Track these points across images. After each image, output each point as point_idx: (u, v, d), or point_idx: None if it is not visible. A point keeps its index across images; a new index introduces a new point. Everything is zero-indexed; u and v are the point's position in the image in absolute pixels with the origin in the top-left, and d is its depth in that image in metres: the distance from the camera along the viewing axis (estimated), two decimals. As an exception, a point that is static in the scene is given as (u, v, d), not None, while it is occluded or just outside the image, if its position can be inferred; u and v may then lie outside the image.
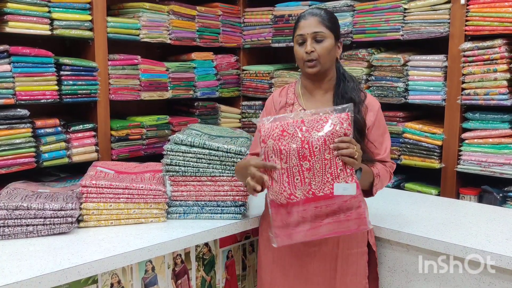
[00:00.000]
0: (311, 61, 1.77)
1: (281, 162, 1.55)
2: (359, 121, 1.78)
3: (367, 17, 3.28)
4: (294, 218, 1.57)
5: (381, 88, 3.21)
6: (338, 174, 1.55)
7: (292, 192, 1.55)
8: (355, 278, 1.86)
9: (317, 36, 1.76)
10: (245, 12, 3.98)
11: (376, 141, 1.84)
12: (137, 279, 1.74)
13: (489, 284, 1.72)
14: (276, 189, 1.57)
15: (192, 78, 3.60)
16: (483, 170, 2.81)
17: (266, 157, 1.57)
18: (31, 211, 1.70)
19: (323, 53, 1.77)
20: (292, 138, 1.55)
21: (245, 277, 2.16)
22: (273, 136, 1.56)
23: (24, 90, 2.67)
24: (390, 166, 1.88)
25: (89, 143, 2.99)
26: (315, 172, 1.54)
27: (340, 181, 1.55)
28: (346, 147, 1.54)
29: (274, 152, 1.55)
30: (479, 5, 2.78)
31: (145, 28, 3.27)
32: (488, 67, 2.74)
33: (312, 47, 1.76)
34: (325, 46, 1.77)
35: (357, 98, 1.81)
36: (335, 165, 1.55)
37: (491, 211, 2.20)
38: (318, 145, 1.54)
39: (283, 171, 1.55)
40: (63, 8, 2.82)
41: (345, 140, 1.54)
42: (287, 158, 1.54)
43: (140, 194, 1.87)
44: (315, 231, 1.58)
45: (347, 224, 1.57)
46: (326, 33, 1.77)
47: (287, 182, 1.55)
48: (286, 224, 1.58)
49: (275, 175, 1.56)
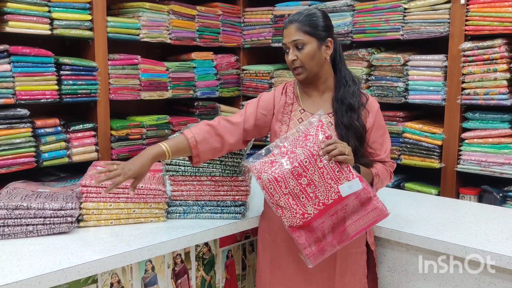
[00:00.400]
0: (296, 69, 1.78)
1: (281, 189, 1.60)
2: (358, 128, 1.76)
3: (367, 17, 3.28)
4: (317, 233, 1.60)
5: (381, 87, 3.21)
6: (338, 176, 1.58)
7: (304, 211, 1.59)
8: (354, 278, 1.86)
9: (297, 43, 1.75)
10: (245, 12, 3.98)
11: (376, 142, 1.83)
12: (137, 279, 1.74)
13: (489, 283, 1.72)
14: (288, 215, 1.61)
15: (192, 78, 3.61)
16: (483, 170, 2.81)
17: (267, 191, 1.62)
18: (31, 210, 1.70)
19: (305, 60, 1.75)
20: (282, 164, 1.60)
21: (245, 277, 2.16)
22: (265, 170, 1.62)
23: (24, 89, 2.68)
24: (390, 166, 1.88)
25: (89, 143, 2.99)
26: (316, 184, 1.58)
27: (342, 182, 1.57)
28: (334, 147, 1.57)
29: (271, 182, 1.60)
30: (479, 5, 2.78)
31: (145, 27, 3.27)
32: (488, 66, 2.74)
33: (294, 56, 1.76)
34: (305, 53, 1.75)
35: (356, 104, 1.78)
36: (332, 170, 1.58)
37: (491, 211, 2.19)
38: (308, 159, 1.59)
39: (287, 196, 1.60)
40: (63, 7, 2.82)
41: (330, 142, 1.59)
42: (285, 184, 1.59)
43: (140, 193, 1.87)
44: (343, 236, 1.61)
45: (368, 217, 1.60)
46: (305, 39, 1.74)
47: (295, 205, 1.59)
48: (312, 242, 1.61)
49: (282, 202, 1.60)
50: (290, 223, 1.61)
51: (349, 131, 1.75)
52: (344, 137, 1.74)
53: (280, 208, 1.62)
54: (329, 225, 1.60)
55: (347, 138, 1.74)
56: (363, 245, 1.89)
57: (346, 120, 1.76)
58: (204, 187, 1.96)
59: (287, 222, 1.62)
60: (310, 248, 1.61)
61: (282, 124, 1.85)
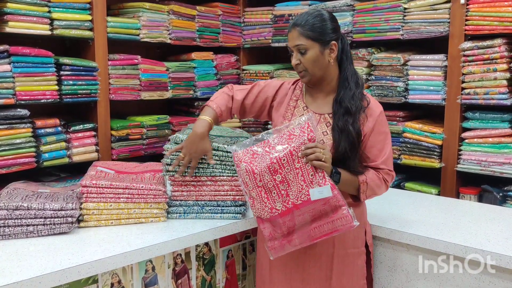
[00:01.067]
0: (300, 72, 1.80)
1: (255, 181, 1.64)
2: (351, 133, 1.74)
3: (367, 17, 3.28)
4: (282, 229, 1.66)
5: (381, 87, 3.21)
6: (311, 179, 1.62)
7: (273, 206, 1.64)
8: (351, 279, 1.86)
9: (299, 48, 1.76)
10: (245, 12, 3.98)
11: (375, 148, 1.79)
12: (137, 279, 1.75)
13: (489, 283, 1.72)
14: (258, 206, 1.67)
15: (192, 78, 3.61)
16: (483, 169, 2.81)
17: (242, 179, 1.67)
18: (31, 211, 1.70)
19: (308, 64, 1.76)
20: (262, 157, 1.65)
21: (245, 277, 2.16)
22: (245, 159, 1.66)
23: (24, 90, 2.68)
24: (386, 173, 1.81)
25: (89, 143, 2.99)
26: (289, 182, 1.63)
27: (314, 186, 1.62)
28: (312, 152, 1.60)
29: (247, 173, 1.65)
30: (478, 5, 2.78)
31: (145, 28, 3.27)
32: (488, 66, 2.74)
33: (297, 60, 1.77)
34: (308, 57, 1.75)
35: (354, 108, 1.76)
36: (306, 172, 1.62)
37: (491, 211, 2.20)
38: (286, 157, 1.62)
39: (260, 189, 1.64)
40: (63, 8, 2.82)
41: (310, 146, 1.61)
42: (260, 177, 1.64)
43: (140, 194, 1.87)
44: (306, 237, 1.65)
45: (334, 224, 1.63)
46: (308, 44, 1.74)
47: (266, 198, 1.65)
48: (276, 236, 1.67)
49: (254, 193, 1.65)
50: (258, 214, 1.68)
51: (342, 135, 1.74)
52: (337, 140, 1.75)
53: (251, 198, 1.68)
54: (294, 224, 1.65)
55: (339, 141, 1.74)
56: (361, 246, 1.89)
57: (341, 123, 1.75)
58: (204, 187, 1.96)
59: (255, 213, 1.69)
60: (273, 242, 1.68)
61: (284, 119, 1.88)
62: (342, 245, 1.82)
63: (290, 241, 1.66)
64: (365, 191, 1.78)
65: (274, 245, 1.68)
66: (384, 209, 2.18)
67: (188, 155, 1.86)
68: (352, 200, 1.83)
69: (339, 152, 1.74)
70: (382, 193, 1.85)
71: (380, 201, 2.28)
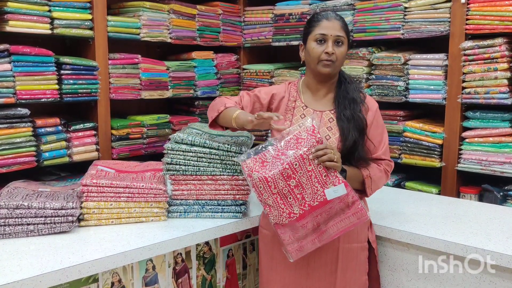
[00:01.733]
0: (329, 61, 1.81)
1: (270, 189, 1.66)
2: (360, 120, 1.82)
3: (368, 16, 3.27)
4: (301, 232, 1.68)
5: (381, 87, 3.21)
6: (325, 180, 1.65)
7: (290, 211, 1.66)
8: (354, 274, 1.87)
9: (338, 39, 1.82)
10: (246, 11, 3.98)
11: (374, 140, 1.87)
12: (137, 278, 1.75)
13: (490, 282, 1.72)
14: (275, 213, 1.68)
15: (193, 77, 3.61)
16: (484, 169, 2.81)
17: (256, 189, 1.68)
18: (31, 210, 1.70)
19: (340, 57, 1.83)
20: (272, 165, 1.66)
21: (246, 276, 2.16)
22: (256, 168, 1.67)
23: (25, 89, 2.68)
24: (387, 164, 1.90)
25: (90, 142, 2.99)
26: (303, 186, 1.65)
27: (328, 186, 1.65)
28: (324, 153, 1.64)
29: (261, 182, 1.66)
30: (479, 4, 2.78)
31: (146, 27, 3.27)
32: (489, 65, 2.74)
33: (333, 49, 1.81)
34: (343, 51, 1.84)
35: (358, 98, 1.86)
36: (319, 174, 1.65)
37: (491, 210, 2.20)
38: (298, 162, 1.65)
39: (275, 196, 1.66)
40: (64, 7, 2.82)
41: (321, 147, 1.65)
42: (274, 184, 1.65)
43: (141, 193, 1.88)
44: (323, 236, 1.69)
45: (349, 220, 1.67)
46: (345, 39, 1.84)
47: (282, 204, 1.67)
48: (295, 239, 1.69)
49: (270, 201, 1.67)
50: (276, 220, 1.69)
51: (350, 124, 1.81)
52: (345, 129, 1.80)
53: (268, 206, 1.69)
54: (312, 225, 1.68)
55: (348, 130, 1.80)
56: (364, 241, 1.90)
57: (349, 112, 1.82)
58: (205, 186, 1.96)
59: (273, 220, 1.70)
60: (292, 245, 1.70)
61: (285, 121, 1.90)
62: (346, 239, 1.83)
63: (310, 242, 1.69)
64: (370, 185, 1.85)
65: (294, 247, 1.70)
66: (384, 208, 2.18)
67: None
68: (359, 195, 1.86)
69: (349, 141, 1.79)
70: (384, 184, 1.93)
71: (381, 200, 2.28)
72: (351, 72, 3.31)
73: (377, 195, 1.93)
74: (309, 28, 1.87)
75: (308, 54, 1.86)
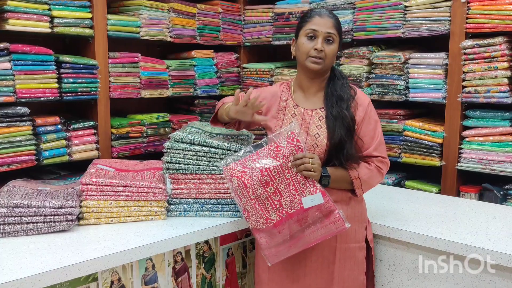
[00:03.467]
0: (317, 58, 1.81)
1: (249, 195, 1.69)
2: (347, 117, 1.81)
3: (368, 15, 3.27)
4: (277, 238, 1.71)
5: (381, 86, 3.21)
6: (302, 189, 1.68)
7: (267, 216, 1.70)
8: (352, 273, 1.87)
9: (329, 37, 1.82)
10: (246, 10, 3.98)
11: (367, 136, 1.86)
12: (137, 277, 1.75)
13: (490, 281, 1.72)
14: (253, 218, 1.72)
15: (193, 76, 3.60)
16: (484, 168, 2.81)
17: (236, 194, 1.72)
18: (31, 208, 1.70)
19: (330, 55, 1.83)
20: (252, 171, 1.69)
21: (245, 275, 2.16)
22: (235, 174, 1.70)
23: (24, 88, 2.67)
24: (379, 162, 1.86)
25: (90, 141, 2.99)
26: (281, 193, 1.69)
27: (306, 195, 1.68)
28: (301, 163, 1.67)
29: (240, 187, 1.69)
30: (479, 3, 2.77)
31: (146, 26, 3.26)
32: (489, 64, 2.74)
33: (322, 46, 1.80)
34: (333, 49, 1.83)
35: (345, 95, 1.85)
36: (297, 182, 1.68)
37: (491, 209, 2.20)
38: (276, 169, 1.68)
39: (254, 201, 1.69)
40: (63, 5, 2.82)
41: (299, 156, 1.68)
42: (253, 190, 1.69)
43: (140, 191, 1.88)
44: (301, 243, 1.71)
45: (327, 229, 1.70)
46: (336, 37, 1.83)
47: (260, 210, 1.70)
48: (272, 245, 1.72)
49: (248, 206, 1.70)
50: (254, 225, 1.73)
51: (337, 121, 1.80)
52: (332, 127, 1.80)
53: (246, 211, 1.72)
54: (289, 232, 1.70)
55: (334, 128, 1.80)
56: (362, 241, 1.90)
57: (336, 110, 1.82)
58: (205, 185, 1.96)
59: (251, 224, 1.74)
60: (269, 250, 1.73)
61: (277, 120, 1.91)
62: (344, 239, 1.83)
63: (286, 248, 1.72)
64: (360, 186, 1.84)
65: (271, 252, 1.73)
66: (384, 207, 2.18)
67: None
68: (352, 195, 1.86)
69: (335, 139, 1.79)
70: (379, 182, 1.91)
71: (381, 199, 2.28)
72: (351, 71, 3.31)
73: (377, 194, 1.93)
74: (301, 23, 1.87)
75: (298, 49, 1.86)
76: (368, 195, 1.92)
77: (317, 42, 1.80)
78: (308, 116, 1.86)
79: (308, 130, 1.84)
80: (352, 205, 1.86)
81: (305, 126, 1.84)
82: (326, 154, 1.81)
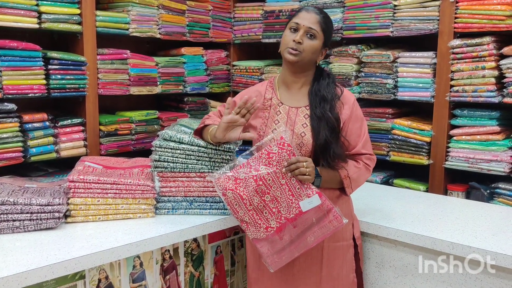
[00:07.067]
0: (295, 50, 1.80)
1: (246, 206, 1.69)
2: (330, 118, 1.81)
3: (357, 14, 3.28)
4: (279, 244, 1.71)
5: (370, 84, 3.22)
6: (299, 193, 1.68)
7: (267, 225, 1.70)
8: (341, 272, 1.88)
9: (310, 31, 1.81)
10: (236, 7, 3.97)
11: (354, 134, 1.87)
12: (125, 275, 1.74)
13: (476, 279, 1.73)
14: (252, 229, 1.71)
15: (182, 73, 3.59)
16: (471, 166, 2.83)
17: (232, 207, 1.71)
18: (17, 206, 1.69)
19: (308, 50, 1.81)
20: (246, 182, 1.68)
21: (234, 273, 2.16)
22: (229, 187, 1.69)
23: (12, 84, 2.65)
24: (367, 159, 1.88)
25: (78, 138, 2.97)
26: (278, 200, 1.69)
27: (303, 198, 1.68)
28: (295, 167, 1.67)
29: (236, 200, 1.69)
30: (468, 3, 2.79)
31: (135, 22, 3.24)
32: (477, 64, 2.76)
33: (301, 39, 1.80)
34: (312, 44, 1.82)
35: (329, 95, 1.84)
36: (293, 187, 1.69)
37: (478, 208, 2.22)
38: (271, 176, 1.68)
39: (251, 212, 1.69)
40: (51, 1, 2.79)
41: (292, 161, 1.67)
42: (249, 201, 1.68)
43: (128, 189, 1.87)
44: (301, 246, 1.71)
45: (327, 228, 1.70)
46: (319, 34, 1.82)
47: (259, 219, 1.70)
48: (274, 252, 1.71)
49: (247, 218, 1.70)
50: (254, 236, 1.72)
51: (321, 122, 1.80)
52: (316, 128, 1.80)
53: (244, 223, 1.72)
54: (290, 237, 1.70)
55: (318, 129, 1.80)
56: (349, 239, 1.91)
57: (319, 111, 1.82)
58: (193, 183, 1.95)
59: (251, 235, 1.72)
60: (272, 257, 1.72)
61: (262, 119, 1.91)
62: (331, 237, 1.83)
63: (288, 252, 1.71)
64: (350, 185, 1.85)
65: (274, 259, 1.72)
66: (372, 205, 2.19)
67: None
68: (341, 193, 1.89)
69: (320, 140, 1.79)
70: (367, 179, 1.93)
71: (369, 197, 2.29)
72: (340, 69, 3.32)
73: (365, 192, 1.94)
74: (289, 18, 1.88)
75: (282, 41, 1.87)
76: (356, 193, 1.93)
77: (297, 35, 1.80)
78: (293, 114, 1.86)
79: (293, 129, 1.84)
80: (339, 203, 1.87)
81: (291, 124, 1.84)
82: (312, 154, 1.82)
